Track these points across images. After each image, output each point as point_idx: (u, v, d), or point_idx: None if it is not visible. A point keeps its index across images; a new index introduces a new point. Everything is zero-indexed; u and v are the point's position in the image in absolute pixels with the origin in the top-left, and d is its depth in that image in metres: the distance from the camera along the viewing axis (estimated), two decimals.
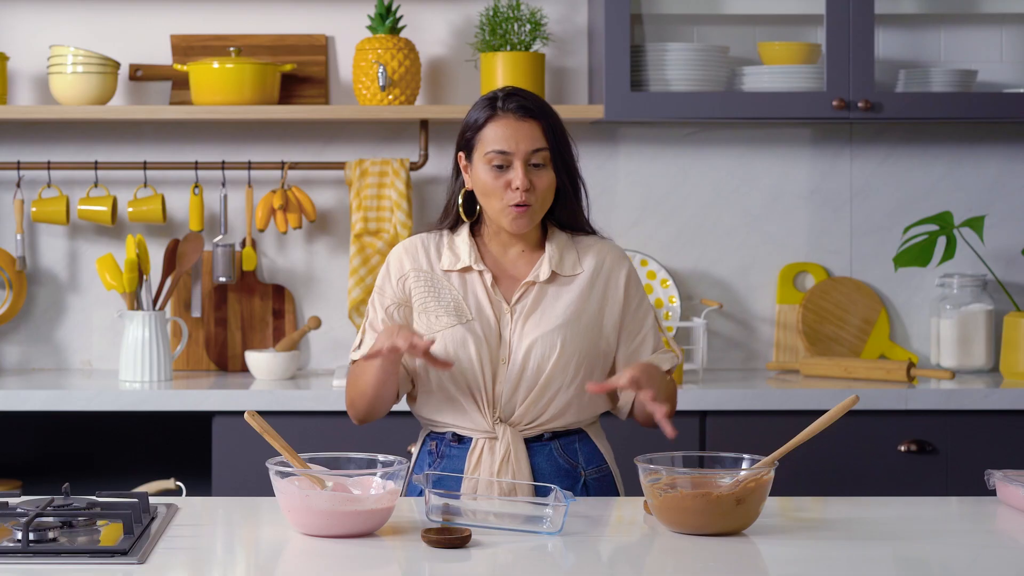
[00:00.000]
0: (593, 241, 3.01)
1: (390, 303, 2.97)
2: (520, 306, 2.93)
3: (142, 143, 4.40)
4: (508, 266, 2.97)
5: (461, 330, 2.90)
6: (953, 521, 2.74)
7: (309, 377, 4.25)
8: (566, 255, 2.96)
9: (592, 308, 2.94)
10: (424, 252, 2.98)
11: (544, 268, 2.94)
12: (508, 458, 2.88)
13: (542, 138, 2.89)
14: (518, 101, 2.89)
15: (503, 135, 2.88)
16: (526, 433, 2.92)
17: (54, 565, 2.31)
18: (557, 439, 2.94)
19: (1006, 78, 4.46)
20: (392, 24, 4.27)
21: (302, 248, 4.44)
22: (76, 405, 3.93)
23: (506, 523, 2.57)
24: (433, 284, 2.95)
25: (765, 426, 3.92)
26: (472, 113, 2.94)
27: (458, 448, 2.94)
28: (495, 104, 2.90)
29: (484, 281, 2.94)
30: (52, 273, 4.41)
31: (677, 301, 4.40)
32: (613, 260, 2.99)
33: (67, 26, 4.39)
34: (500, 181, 2.88)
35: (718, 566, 2.35)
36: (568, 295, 2.94)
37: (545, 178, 2.89)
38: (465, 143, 2.94)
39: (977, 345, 4.34)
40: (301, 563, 2.40)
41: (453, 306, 2.92)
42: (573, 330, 2.91)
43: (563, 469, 2.93)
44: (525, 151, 2.87)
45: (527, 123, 2.88)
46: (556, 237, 2.98)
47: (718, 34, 4.44)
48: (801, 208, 4.48)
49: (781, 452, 2.57)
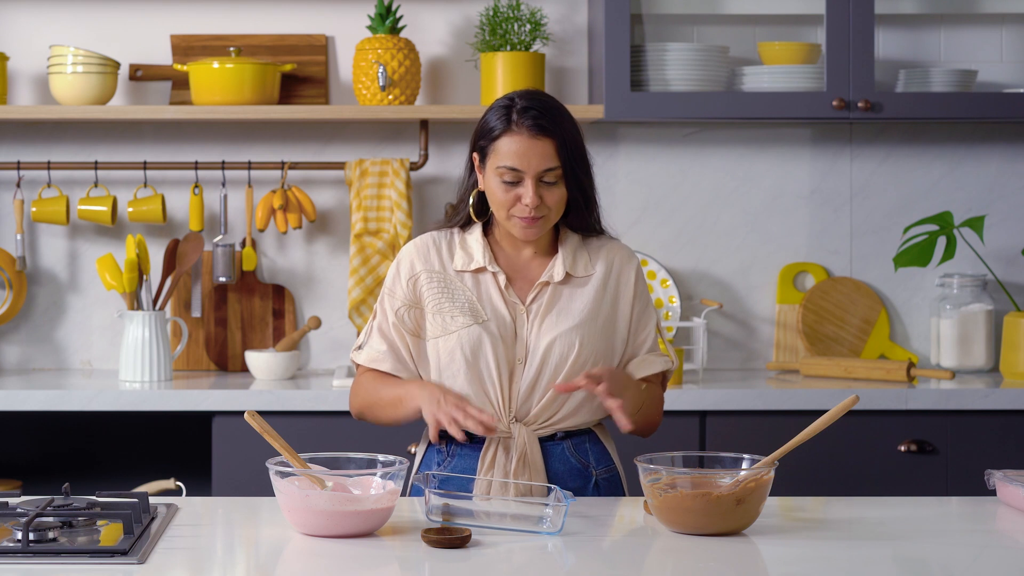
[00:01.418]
0: (603, 242, 3.01)
1: (400, 305, 2.96)
2: (535, 306, 2.92)
3: (142, 143, 4.41)
4: (521, 267, 2.97)
5: (477, 330, 2.89)
6: (953, 521, 2.75)
7: (309, 377, 4.25)
8: (579, 257, 2.96)
9: (606, 308, 2.95)
10: (436, 251, 2.96)
11: (558, 269, 2.93)
12: (524, 459, 2.88)
13: (555, 156, 2.85)
14: (534, 118, 2.84)
15: (515, 151, 2.84)
16: (540, 432, 2.92)
17: (54, 565, 2.31)
18: (569, 439, 2.95)
19: (1006, 78, 4.46)
20: (392, 24, 4.27)
21: (302, 248, 4.44)
22: (76, 405, 3.93)
23: (506, 523, 2.57)
24: (446, 284, 2.94)
25: (765, 426, 3.92)
26: (489, 118, 2.89)
27: (469, 448, 2.93)
28: (510, 116, 2.86)
29: (498, 282, 2.93)
30: (52, 273, 4.41)
31: (677, 301, 4.40)
32: (623, 260, 3.00)
33: (67, 26, 4.39)
34: (510, 195, 2.86)
35: (718, 566, 2.36)
36: (583, 296, 2.94)
37: (556, 194, 2.88)
38: (479, 148, 2.91)
39: (977, 345, 4.34)
40: (301, 563, 2.40)
41: (468, 306, 2.91)
42: (590, 329, 2.91)
43: (575, 469, 2.93)
44: (537, 169, 2.84)
45: (541, 141, 2.84)
46: (568, 240, 2.98)
47: (718, 34, 4.44)
48: (801, 208, 4.48)
49: (781, 452, 2.57)
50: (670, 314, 4.39)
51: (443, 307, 2.92)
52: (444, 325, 2.92)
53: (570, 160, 2.87)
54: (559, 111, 2.88)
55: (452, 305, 2.92)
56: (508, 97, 2.90)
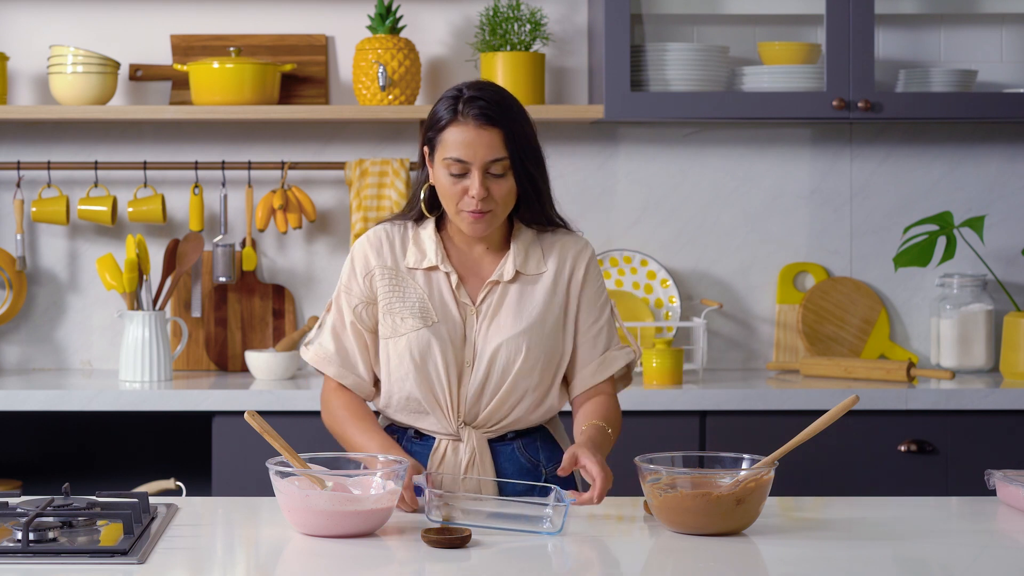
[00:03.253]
0: (558, 236, 2.94)
1: (358, 302, 2.91)
2: (485, 306, 2.88)
3: (142, 143, 4.41)
4: (473, 264, 2.91)
5: (426, 334, 2.85)
6: (953, 521, 2.75)
7: (309, 377, 4.25)
8: (531, 254, 2.90)
9: (556, 309, 2.90)
10: (389, 246, 2.91)
11: (508, 267, 2.88)
12: (473, 460, 2.87)
13: (502, 147, 2.78)
14: (480, 107, 2.78)
15: (461, 142, 2.78)
16: (490, 435, 2.90)
17: (54, 565, 2.31)
18: (519, 438, 2.92)
19: (1006, 78, 4.46)
20: (392, 24, 4.27)
21: (302, 248, 4.44)
22: (76, 405, 3.93)
23: (507, 523, 2.57)
24: (398, 282, 2.89)
25: (765, 426, 3.92)
26: (437, 109, 2.83)
27: (420, 444, 2.92)
28: (457, 107, 2.80)
29: (450, 282, 2.88)
30: (52, 273, 4.41)
31: (677, 301, 4.40)
32: (575, 255, 2.93)
33: (67, 26, 4.39)
34: (457, 187, 2.80)
35: (718, 566, 2.35)
36: (532, 296, 2.89)
37: (504, 186, 2.81)
38: (428, 140, 2.85)
39: (977, 345, 4.34)
40: (301, 563, 2.40)
41: (419, 307, 2.87)
42: (538, 333, 2.87)
43: (525, 468, 2.91)
44: (483, 160, 2.78)
45: (487, 131, 2.78)
46: (521, 235, 2.91)
47: (718, 34, 4.44)
48: (801, 208, 4.48)
49: (781, 452, 2.57)
50: (670, 314, 4.39)
51: (393, 307, 2.88)
52: (394, 327, 2.88)
53: (518, 151, 2.80)
54: (508, 102, 2.82)
55: (403, 306, 2.88)
56: (457, 88, 2.84)
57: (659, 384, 4.06)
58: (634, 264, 4.41)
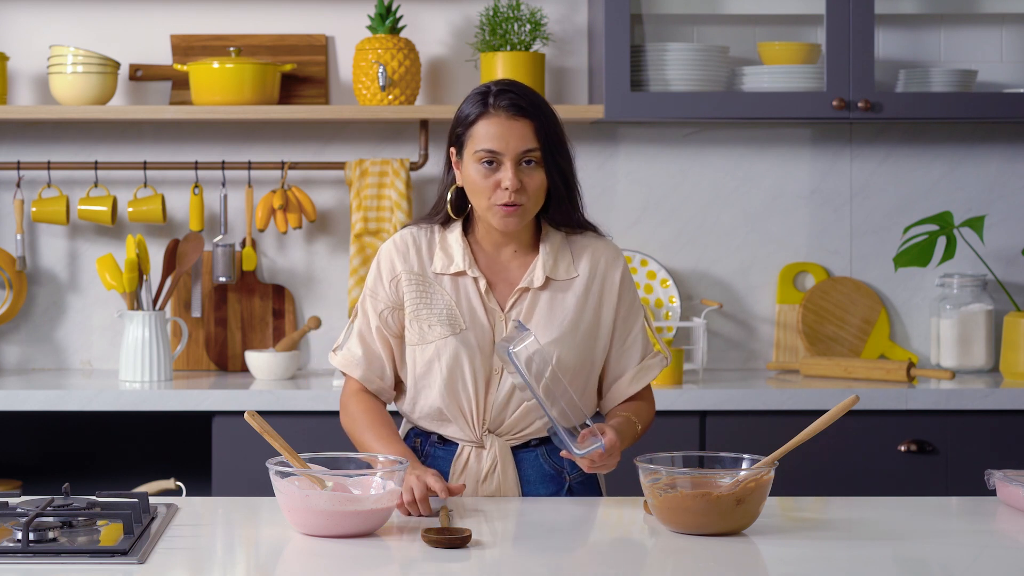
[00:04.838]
0: (588, 241, 2.91)
1: (384, 307, 2.89)
2: (515, 312, 2.85)
3: (142, 143, 4.41)
4: (501, 269, 2.88)
5: (454, 342, 2.83)
6: (953, 521, 2.75)
7: (309, 377, 4.25)
8: (560, 258, 2.88)
9: (588, 316, 2.87)
10: (416, 251, 2.89)
11: (538, 273, 2.85)
12: (495, 468, 2.86)
13: (533, 138, 2.79)
14: (510, 98, 2.79)
15: (494, 134, 2.78)
16: (513, 442, 2.88)
17: (54, 565, 2.31)
18: (543, 445, 2.90)
19: (1006, 78, 4.46)
20: (392, 24, 4.27)
21: (302, 248, 4.44)
22: (76, 405, 3.93)
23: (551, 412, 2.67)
24: (425, 288, 2.86)
25: (765, 426, 3.92)
26: (464, 107, 2.84)
27: (443, 450, 2.90)
28: (487, 100, 2.80)
29: (478, 287, 2.85)
30: (52, 273, 4.41)
31: (677, 301, 4.40)
32: (608, 261, 2.90)
33: (67, 26, 4.39)
34: (490, 180, 2.78)
35: (718, 566, 2.35)
36: (564, 303, 2.86)
37: (536, 178, 2.79)
38: (456, 139, 2.85)
39: (977, 345, 4.34)
40: (301, 563, 2.40)
41: (446, 314, 2.84)
42: (569, 342, 2.85)
43: (549, 475, 2.90)
44: (515, 151, 2.78)
45: (519, 122, 2.78)
46: (550, 237, 2.89)
47: (718, 34, 4.44)
48: (801, 208, 4.48)
49: (781, 452, 2.57)
50: (670, 314, 4.39)
51: (420, 314, 2.86)
52: (422, 334, 2.86)
53: (549, 143, 2.80)
54: (536, 97, 2.84)
55: (430, 312, 2.85)
56: (484, 86, 2.85)
57: (659, 384, 4.06)
58: (634, 264, 4.41)
